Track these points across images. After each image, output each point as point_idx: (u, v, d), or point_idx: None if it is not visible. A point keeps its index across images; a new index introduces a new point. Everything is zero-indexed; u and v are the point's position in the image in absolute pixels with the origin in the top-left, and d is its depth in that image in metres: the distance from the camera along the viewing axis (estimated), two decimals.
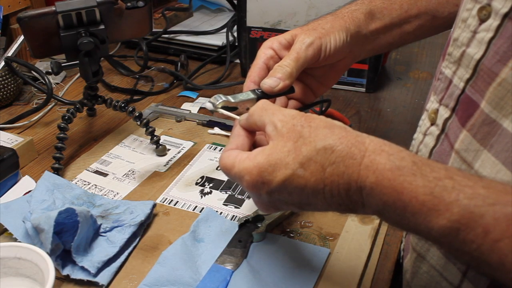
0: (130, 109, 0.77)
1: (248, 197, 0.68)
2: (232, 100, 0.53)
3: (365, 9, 0.63)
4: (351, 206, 0.40)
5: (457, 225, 0.34)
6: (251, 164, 0.42)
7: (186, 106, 0.91)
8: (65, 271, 0.54)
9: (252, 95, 0.55)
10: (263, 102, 0.47)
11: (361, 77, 0.95)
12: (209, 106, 0.53)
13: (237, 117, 0.50)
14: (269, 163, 0.41)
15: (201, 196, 0.68)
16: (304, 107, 0.64)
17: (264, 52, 0.61)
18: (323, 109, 0.76)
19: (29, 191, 0.65)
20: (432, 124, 0.50)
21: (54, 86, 0.95)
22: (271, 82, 0.56)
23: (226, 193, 0.69)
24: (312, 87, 0.65)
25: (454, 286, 0.47)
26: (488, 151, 0.41)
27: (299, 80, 0.62)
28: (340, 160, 0.39)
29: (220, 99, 0.52)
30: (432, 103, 0.50)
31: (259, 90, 0.56)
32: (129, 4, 0.74)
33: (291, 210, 0.51)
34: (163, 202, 0.67)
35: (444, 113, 0.48)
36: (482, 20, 0.42)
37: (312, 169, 0.40)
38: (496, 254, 0.33)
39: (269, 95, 0.56)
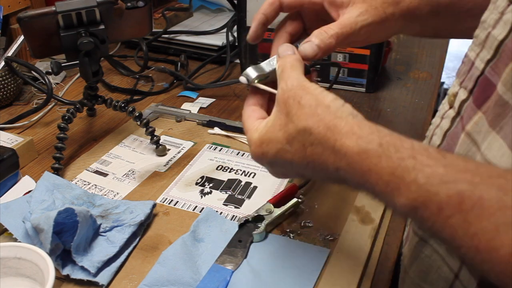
0: (130, 109, 0.77)
1: (248, 197, 0.68)
2: (267, 71, 0.52)
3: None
4: (337, 181, 0.43)
5: (415, 204, 0.36)
6: (254, 136, 0.46)
7: (186, 106, 0.91)
8: (65, 271, 0.54)
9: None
10: (293, 59, 0.48)
11: (361, 77, 0.95)
12: (243, 80, 0.52)
13: (274, 91, 0.49)
14: (266, 136, 0.45)
15: (201, 196, 0.68)
16: (312, 64, 0.59)
17: None
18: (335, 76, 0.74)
19: (29, 191, 0.65)
20: (450, 108, 0.49)
21: (54, 86, 0.95)
22: (309, 49, 0.52)
23: (226, 193, 0.69)
24: (306, 21, 0.59)
25: (454, 273, 0.46)
26: (497, 133, 0.40)
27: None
28: (318, 142, 0.41)
29: (254, 73, 0.52)
30: (454, 87, 0.49)
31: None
32: (129, 4, 0.74)
33: (294, 178, 0.56)
34: (163, 202, 0.67)
35: (462, 95, 0.46)
36: (511, 1, 0.41)
37: (296, 147, 0.43)
38: (447, 230, 0.34)
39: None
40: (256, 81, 0.51)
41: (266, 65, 0.52)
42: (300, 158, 0.43)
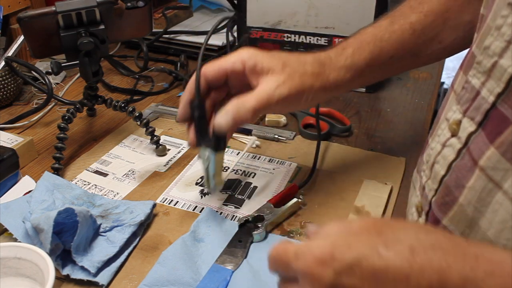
0: (130, 109, 0.77)
1: (248, 197, 0.68)
2: (213, 184, 0.59)
3: (353, 67, 0.60)
4: None
5: None
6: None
7: None
8: (65, 271, 0.54)
9: (206, 152, 0.57)
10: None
11: None
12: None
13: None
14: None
15: (201, 196, 0.68)
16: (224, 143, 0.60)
17: (232, 59, 0.57)
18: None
19: (29, 191, 0.65)
20: (453, 136, 0.46)
21: (54, 86, 0.95)
22: (223, 123, 0.54)
23: (226, 193, 0.69)
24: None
25: None
26: None
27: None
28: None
29: (220, 186, 0.59)
30: (454, 113, 0.47)
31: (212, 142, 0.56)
32: (129, 4, 0.74)
33: None
34: (163, 202, 0.67)
35: (468, 126, 0.44)
36: None
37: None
38: None
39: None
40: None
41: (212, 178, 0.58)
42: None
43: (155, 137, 0.77)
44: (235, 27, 1.06)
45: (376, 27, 0.63)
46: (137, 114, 0.77)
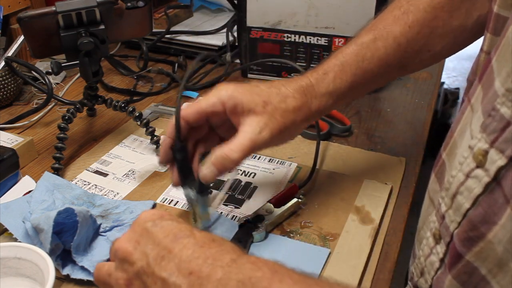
0: (130, 109, 0.77)
1: (248, 197, 0.68)
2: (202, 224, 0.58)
3: (335, 93, 0.59)
4: None
5: None
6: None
7: (186, 106, 0.90)
8: (65, 271, 0.54)
9: (191, 194, 0.57)
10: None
11: None
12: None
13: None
14: None
15: None
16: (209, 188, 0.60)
17: (212, 100, 0.55)
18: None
19: (29, 191, 0.65)
20: (478, 167, 0.42)
21: (54, 86, 0.95)
22: (209, 173, 0.54)
23: (226, 193, 0.68)
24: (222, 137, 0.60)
25: None
26: None
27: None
28: None
29: (208, 223, 0.59)
30: (479, 142, 0.42)
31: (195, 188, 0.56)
32: (129, 4, 0.74)
33: None
34: (163, 202, 0.67)
35: (497, 159, 0.40)
36: None
37: None
38: None
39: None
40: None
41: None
42: None
43: (155, 137, 0.77)
44: (235, 27, 1.06)
45: (358, 45, 0.61)
46: (137, 114, 0.77)
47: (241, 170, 0.73)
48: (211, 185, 0.58)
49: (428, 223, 0.52)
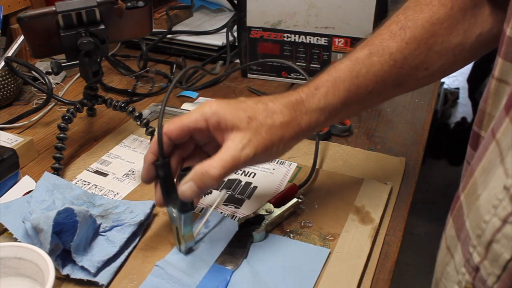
0: (130, 109, 0.77)
1: (248, 197, 0.68)
2: (184, 244, 0.57)
3: (327, 108, 0.57)
4: None
5: None
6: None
7: (186, 106, 0.90)
8: (65, 271, 0.54)
9: (173, 212, 0.56)
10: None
11: None
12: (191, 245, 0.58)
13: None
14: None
15: (201, 196, 0.68)
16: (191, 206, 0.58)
17: (195, 116, 0.53)
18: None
19: (29, 191, 0.65)
20: None
21: (54, 86, 0.95)
22: (188, 191, 0.52)
23: (226, 193, 0.68)
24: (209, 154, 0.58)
25: None
26: None
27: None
28: None
29: (191, 244, 0.58)
30: None
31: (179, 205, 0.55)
32: (129, 4, 0.74)
33: None
34: None
35: None
36: None
37: None
38: None
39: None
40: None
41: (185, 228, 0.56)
42: None
43: None
44: (235, 27, 1.06)
45: (352, 60, 0.58)
46: (137, 114, 0.77)
47: (241, 170, 0.73)
48: (193, 205, 0.56)
49: (450, 275, 0.46)
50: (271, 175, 0.72)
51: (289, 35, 0.94)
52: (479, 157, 0.43)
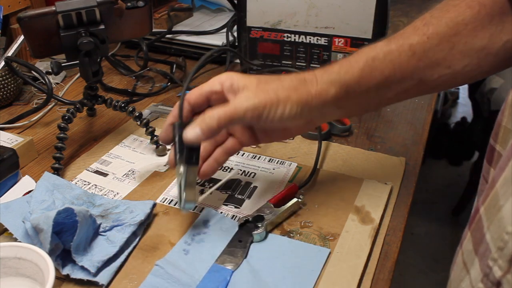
0: (130, 109, 0.77)
1: (248, 197, 0.68)
2: (184, 199, 0.59)
3: (339, 82, 0.58)
4: None
5: None
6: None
7: None
8: (65, 271, 0.54)
9: (181, 169, 0.58)
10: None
11: None
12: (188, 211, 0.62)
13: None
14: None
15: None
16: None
17: (212, 82, 0.59)
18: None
19: (29, 191, 0.65)
20: None
21: (54, 86, 0.95)
22: (191, 134, 0.55)
23: (226, 193, 0.69)
24: (257, 135, 0.63)
25: None
26: None
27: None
28: None
29: (191, 206, 0.60)
30: None
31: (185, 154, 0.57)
32: (129, 4, 0.74)
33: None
34: (163, 202, 0.67)
35: None
36: None
37: None
38: None
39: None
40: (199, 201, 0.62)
41: (189, 187, 0.58)
42: None
43: (155, 137, 0.77)
44: (235, 27, 1.06)
45: (370, 47, 0.59)
46: (137, 114, 0.77)
47: (241, 170, 0.73)
48: (198, 159, 0.59)
49: None
50: (271, 175, 0.72)
51: (289, 35, 0.94)
52: (502, 168, 0.42)
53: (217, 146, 0.63)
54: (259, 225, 0.61)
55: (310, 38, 0.93)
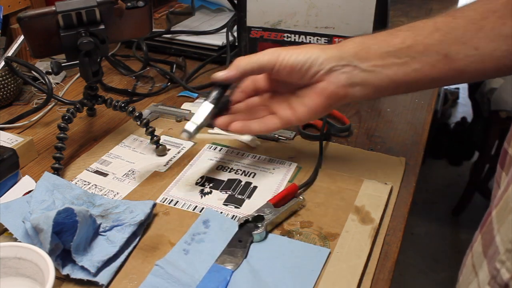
0: (130, 109, 0.77)
1: (248, 197, 0.68)
2: (201, 122, 0.65)
3: (359, 43, 0.61)
4: None
5: None
6: None
7: (186, 106, 0.91)
8: (65, 271, 0.54)
9: (209, 105, 0.65)
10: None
11: None
12: (185, 136, 0.65)
13: (224, 132, 0.68)
14: None
15: (201, 196, 0.68)
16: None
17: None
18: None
19: (29, 191, 0.65)
20: None
21: (54, 86, 0.95)
22: (222, 73, 0.65)
23: (226, 193, 0.69)
24: (293, 106, 0.66)
25: None
26: None
27: (281, 98, 0.67)
28: None
29: (192, 128, 0.64)
30: None
31: (212, 96, 0.65)
32: (129, 4, 0.74)
33: None
34: (163, 202, 0.67)
35: None
36: None
37: None
38: None
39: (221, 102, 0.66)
40: (195, 134, 0.65)
41: (199, 118, 0.65)
42: None
43: (155, 137, 0.77)
44: (235, 27, 1.06)
45: (392, 28, 0.61)
46: (137, 114, 0.77)
47: (241, 170, 0.73)
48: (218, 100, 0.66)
49: None
50: (271, 175, 0.72)
51: (289, 35, 0.94)
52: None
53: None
54: (259, 225, 0.61)
55: (310, 38, 0.93)
